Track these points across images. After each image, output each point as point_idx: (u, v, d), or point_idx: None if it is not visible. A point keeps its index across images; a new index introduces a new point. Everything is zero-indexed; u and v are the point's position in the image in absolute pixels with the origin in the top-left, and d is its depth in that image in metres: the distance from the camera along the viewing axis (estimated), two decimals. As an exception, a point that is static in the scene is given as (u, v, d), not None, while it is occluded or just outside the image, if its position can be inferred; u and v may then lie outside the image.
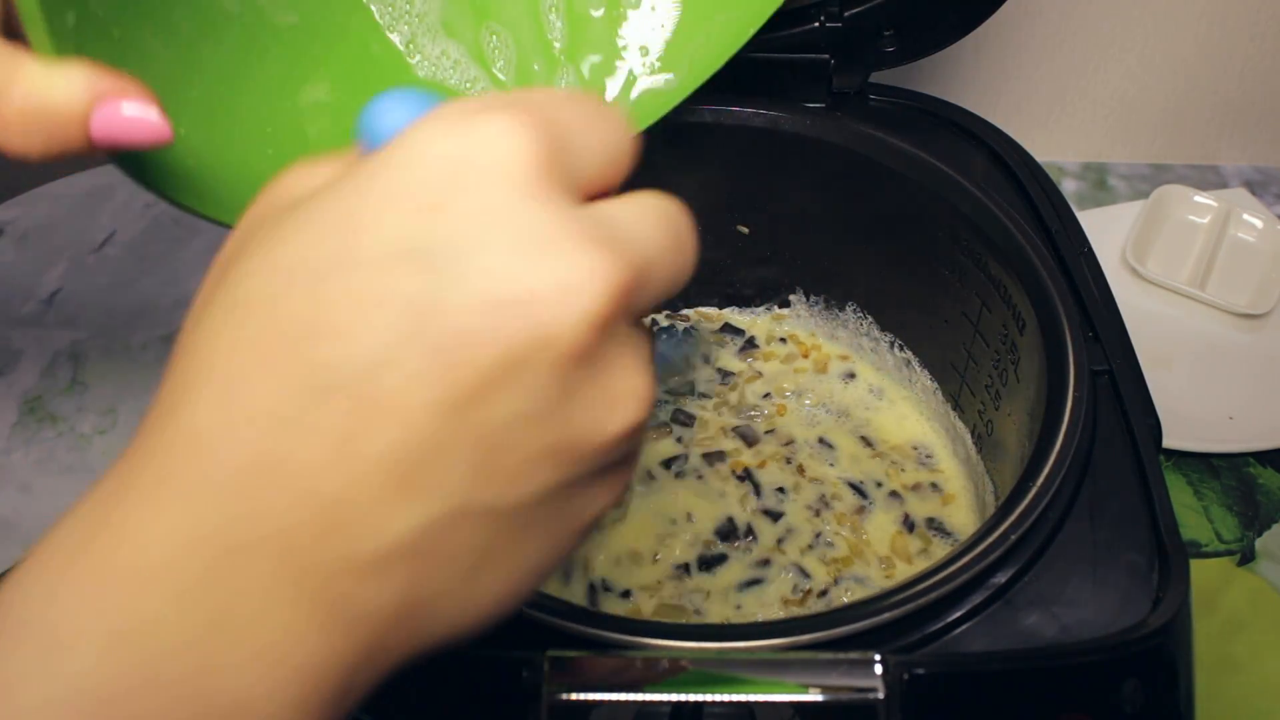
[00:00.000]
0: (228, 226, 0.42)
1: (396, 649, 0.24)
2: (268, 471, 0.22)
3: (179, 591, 0.22)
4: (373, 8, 0.47)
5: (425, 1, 0.48)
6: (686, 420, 0.59)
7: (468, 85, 0.48)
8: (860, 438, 0.58)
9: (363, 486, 0.22)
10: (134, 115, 0.32)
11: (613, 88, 0.49)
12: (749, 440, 0.58)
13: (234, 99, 0.42)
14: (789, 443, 0.58)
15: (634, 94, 0.49)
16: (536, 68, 0.49)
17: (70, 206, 0.79)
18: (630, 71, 0.49)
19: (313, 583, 0.22)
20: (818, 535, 0.53)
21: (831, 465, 0.57)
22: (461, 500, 0.23)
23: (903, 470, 0.57)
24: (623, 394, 0.24)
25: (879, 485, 0.56)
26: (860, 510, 0.55)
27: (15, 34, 0.32)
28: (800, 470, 0.57)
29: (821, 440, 0.58)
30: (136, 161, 0.39)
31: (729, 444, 0.58)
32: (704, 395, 0.60)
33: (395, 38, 0.47)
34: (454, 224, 0.23)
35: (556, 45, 0.49)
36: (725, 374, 0.61)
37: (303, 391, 0.22)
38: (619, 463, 0.26)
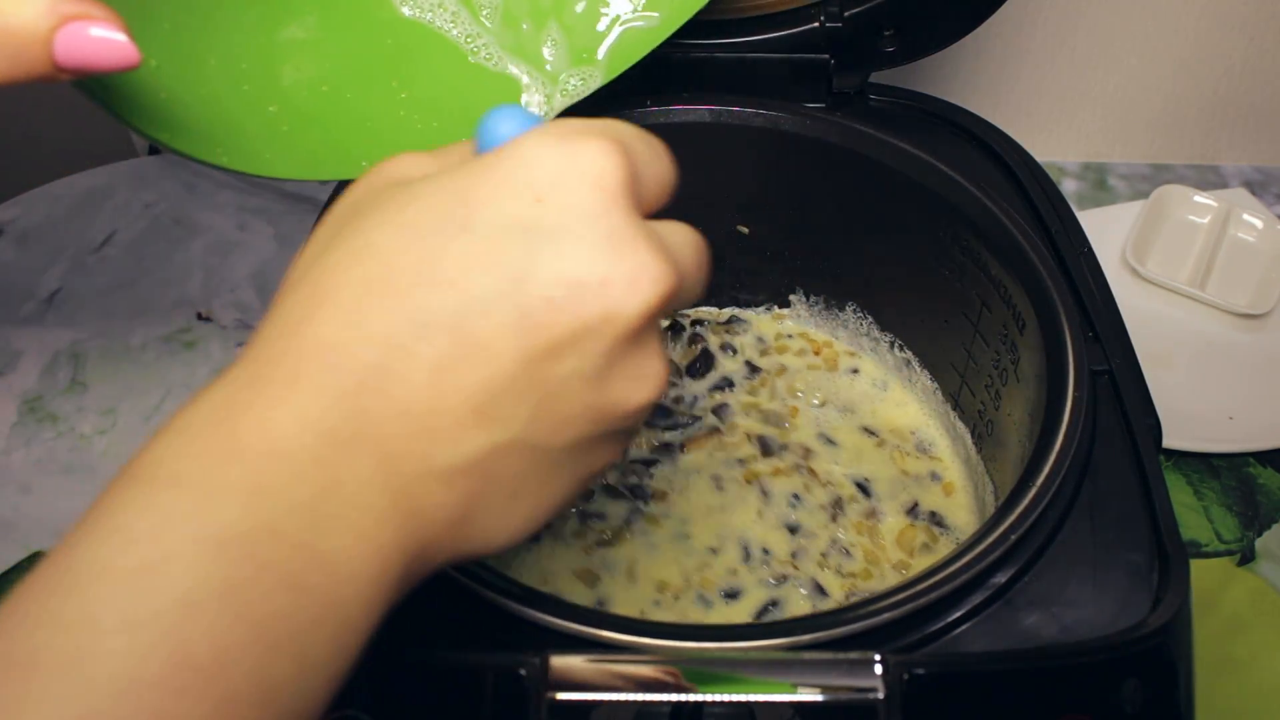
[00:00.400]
0: (199, 161, 0.41)
1: (440, 554, 0.29)
2: (377, 383, 0.27)
3: (299, 467, 0.26)
4: None
5: None
6: (720, 416, 0.58)
7: (454, 29, 0.48)
8: (862, 428, 0.58)
9: (448, 408, 0.28)
10: (100, 37, 0.32)
11: (598, 29, 0.49)
12: (767, 450, 0.57)
13: (208, 33, 0.42)
14: (806, 453, 0.57)
15: (617, 33, 0.49)
16: (525, 26, 0.48)
17: (70, 206, 0.79)
18: (616, 14, 0.49)
19: (397, 481, 0.27)
20: (833, 541, 0.53)
21: (837, 464, 0.57)
22: (519, 434, 0.29)
23: (905, 455, 0.57)
24: (649, 374, 0.30)
25: (883, 477, 0.56)
26: (873, 514, 0.54)
27: None
28: (812, 473, 0.56)
29: (822, 435, 0.58)
30: (106, 90, 0.38)
31: (748, 450, 0.57)
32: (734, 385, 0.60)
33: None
34: (554, 213, 0.28)
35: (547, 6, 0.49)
36: (753, 369, 0.61)
37: (413, 324, 0.27)
38: (625, 432, 0.32)
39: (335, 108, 0.45)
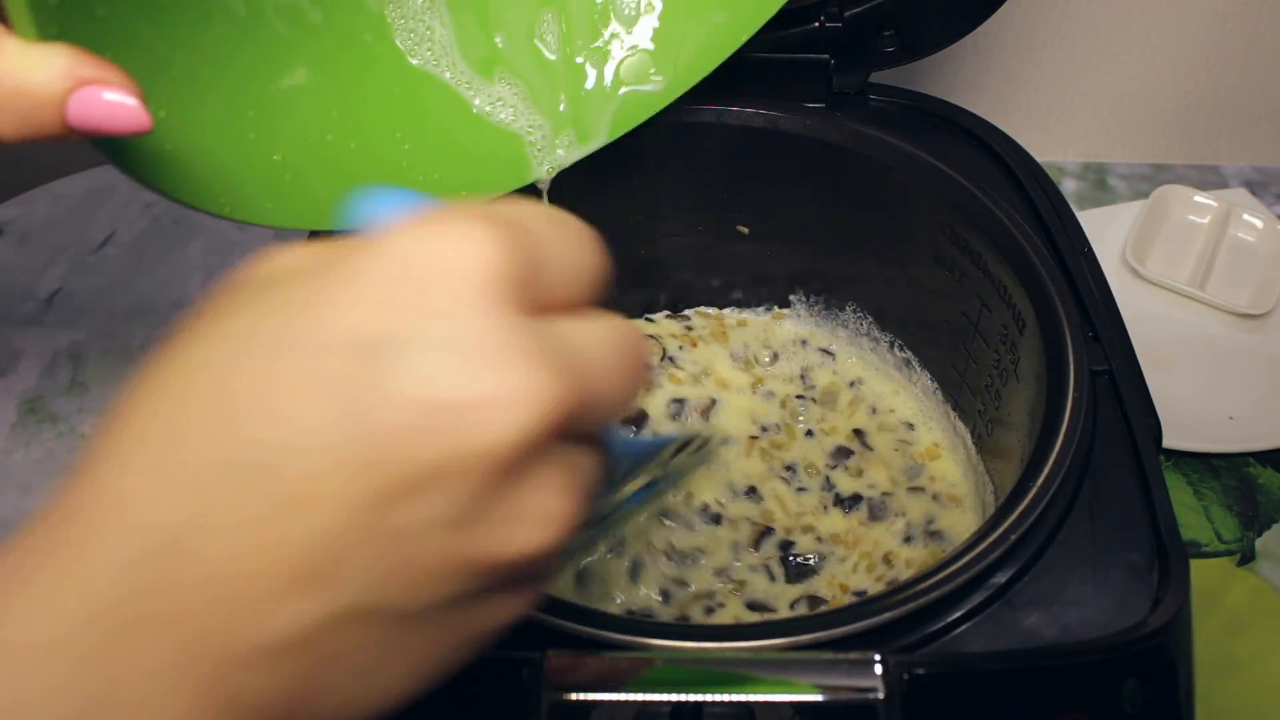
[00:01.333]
0: (202, 211, 0.41)
1: None
2: (181, 544, 0.22)
3: (70, 669, 0.21)
4: (396, 37, 0.47)
5: (444, 32, 0.48)
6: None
7: (460, 82, 0.48)
8: (854, 431, 0.58)
9: (269, 572, 0.22)
10: (113, 101, 0.32)
11: (604, 89, 0.49)
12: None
13: (216, 80, 0.42)
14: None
15: (623, 93, 0.49)
16: (533, 83, 0.49)
17: (70, 206, 0.79)
18: (623, 78, 0.49)
19: (204, 667, 0.22)
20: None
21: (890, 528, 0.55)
22: (359, 599, 0.23)
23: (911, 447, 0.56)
24: (538, 515, 0.24)
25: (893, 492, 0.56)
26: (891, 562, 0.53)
27: None
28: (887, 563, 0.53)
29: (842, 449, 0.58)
30: (114, 145, 0.39)
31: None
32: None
33: (415, 61, 0.47)
34: (402, 320, 0.22)
35: (551, 56, 0.49)
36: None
37: (228, 467, 0.22)
38: (526, 579, 0.26)
39: (338, 157, 0.45)
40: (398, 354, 0.22)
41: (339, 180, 0.45)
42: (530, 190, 0.48)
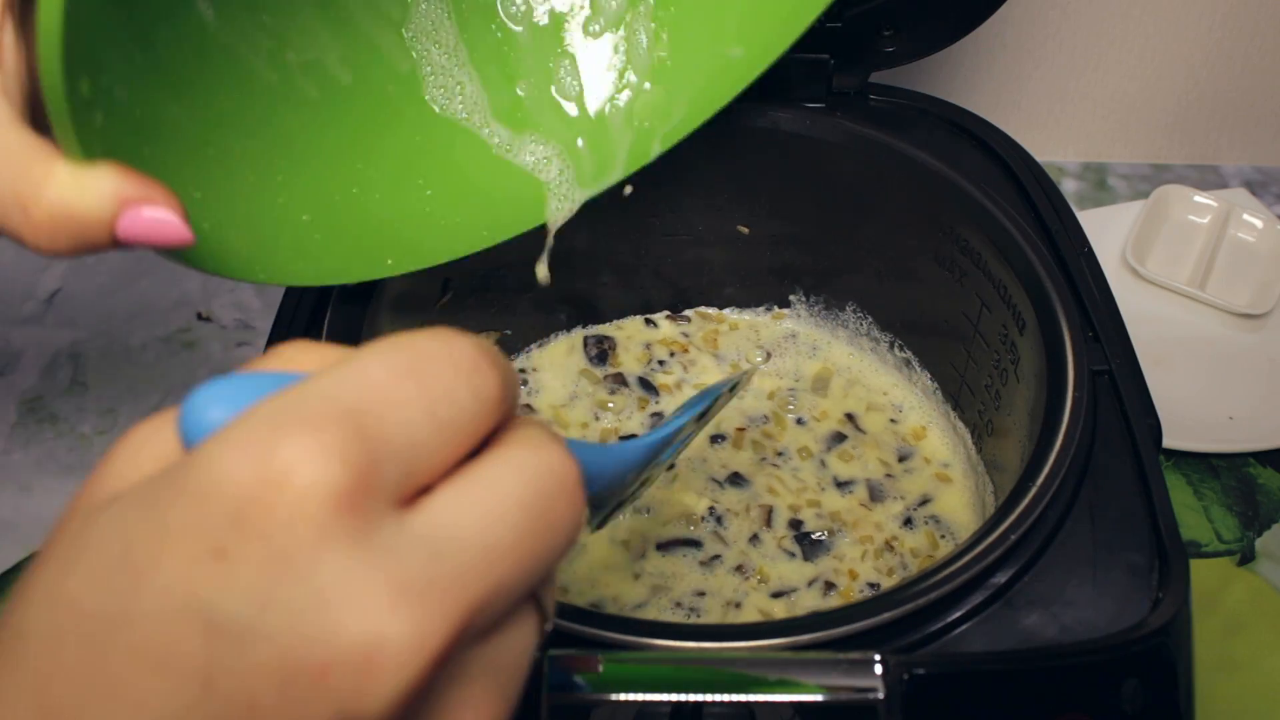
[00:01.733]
0: (242, 280, 0.42)
1: None
2: None
3: None
4: (427, 94, 0.47)
5: (473, 86, 0.48)
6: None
7: (481, 125, 0.48)
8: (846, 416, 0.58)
9: None
10: (159, 219, 0.33)
11: (619, 128, 0.49)
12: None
13: (248, 152, 0.42)
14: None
15: (637, 130, 0.49)
16: (551, 121, 0.49)
17: (70, 206, 0.79)
18: (639, 115, 0.49)
19: None
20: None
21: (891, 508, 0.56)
22: None
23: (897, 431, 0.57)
24: None
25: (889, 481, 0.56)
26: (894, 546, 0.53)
27: (43, 123, 0.33)
28: (890, 547, 0.54)
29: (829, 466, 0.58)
30: None
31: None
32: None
33: (448, 114, 0.48)
34: (242, 575, 0.20)
35: (570, 100, 0.50)
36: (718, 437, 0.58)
37: None
38: None
39: (364, 210, 0.45)
40: (243, 617, 0.20)
41: (367, 233, 0.45)
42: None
